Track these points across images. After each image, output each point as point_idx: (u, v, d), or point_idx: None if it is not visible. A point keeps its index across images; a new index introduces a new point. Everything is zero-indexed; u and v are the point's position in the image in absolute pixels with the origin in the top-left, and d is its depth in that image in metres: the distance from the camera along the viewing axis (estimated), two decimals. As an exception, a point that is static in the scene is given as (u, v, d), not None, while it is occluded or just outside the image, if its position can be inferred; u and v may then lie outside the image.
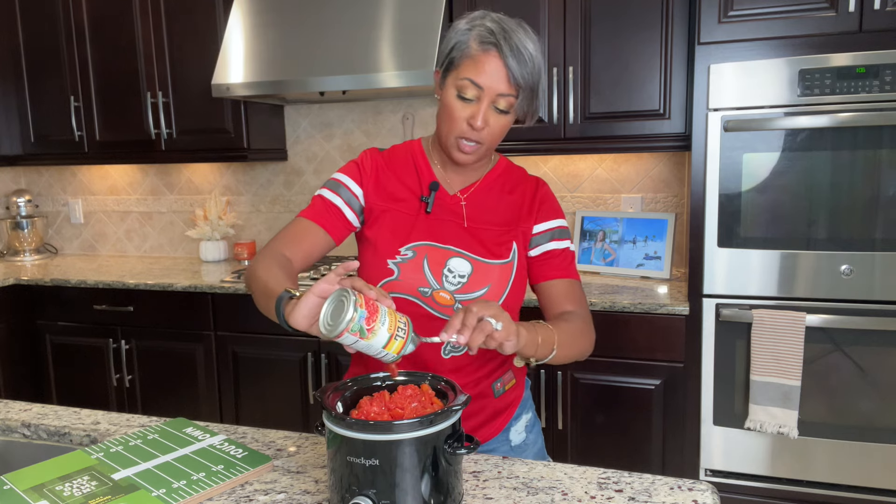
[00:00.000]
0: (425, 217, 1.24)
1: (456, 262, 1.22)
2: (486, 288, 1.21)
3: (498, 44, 1.11)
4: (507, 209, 1.28)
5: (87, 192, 3.61)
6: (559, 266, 1.29)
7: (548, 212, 1.31)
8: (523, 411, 1.35)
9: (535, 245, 1.29)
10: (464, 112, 1.14)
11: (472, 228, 1.25)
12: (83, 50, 3.05)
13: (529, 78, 1.13)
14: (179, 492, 0.98)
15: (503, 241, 1.25)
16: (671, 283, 2.49)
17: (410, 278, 1.20)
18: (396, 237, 1.23)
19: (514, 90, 1.13)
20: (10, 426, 1.29)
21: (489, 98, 1.13)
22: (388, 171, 1.28)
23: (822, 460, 2.13)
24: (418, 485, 0.85)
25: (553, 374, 2.33)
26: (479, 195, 1.28)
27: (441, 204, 1.26)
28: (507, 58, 1.11)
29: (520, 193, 1.30)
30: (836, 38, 1.97)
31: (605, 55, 2.38)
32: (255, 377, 2.71)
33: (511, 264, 1.24)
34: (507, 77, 1.11)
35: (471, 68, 1.12)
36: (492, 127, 1.15)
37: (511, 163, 1.35)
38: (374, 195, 1.27)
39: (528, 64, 1.12)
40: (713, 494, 0.95)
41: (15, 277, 2.97)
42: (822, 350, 2.08)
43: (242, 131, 2.87)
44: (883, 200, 1.98)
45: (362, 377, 1.00)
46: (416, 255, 1.21)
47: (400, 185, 1.27)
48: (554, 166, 2.84)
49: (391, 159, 1.30)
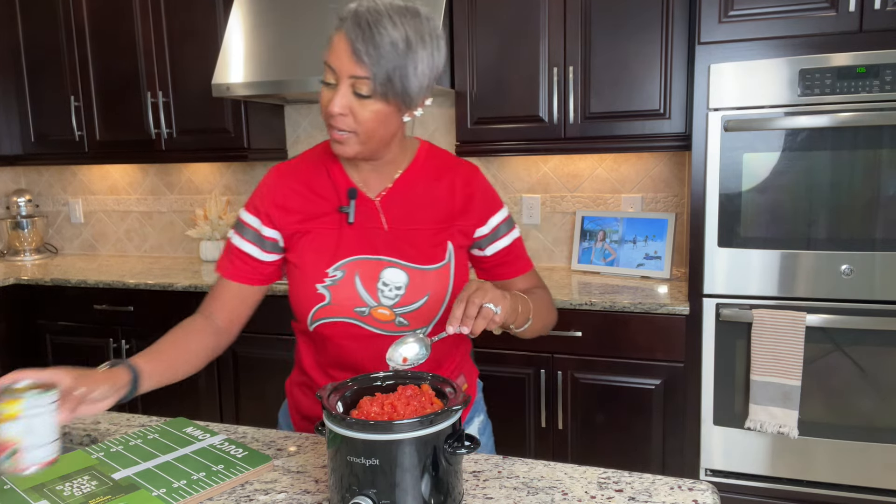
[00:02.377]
0: (349, 229, 1.15)
1: (390, 273, 1.14)
2: (425, 297, 1.15)
3: (345, 21, 1.02)
4: (436, 204, 1.19)
5: (87, 192, 3.61)
6: (515, 263, 1.27)
7: (489, 205, 1.23)
8: (475, 414, 1.34)
9: (484, 245, 1.24)
10: (325, 98, 1.06)
11: (401, 231, 1.16)
12: (83, 49, 3.05)
13: (382, 60, 1.00)
14: (179, 491, 0.98)
15: (436, 242, 1.17)
16: (671, 283, 2.49)
17: (344, 300, 1.13)
18: (322, 258, 1.14)
19: (365, 71, 1.01)
20: (11, 426, 1.29)
21: (345, 80, 1.03)
22: (297, 188, 1.18)
23: (822, 460, 2.13)
24: (418, 484, 0.85)
25: (553, 374, 2.33)
26: (399, 193, 1.18)
27: (363, 211, 1.16)
28: (352, 36, 1.01)
29: (448, 183, 1.20)
30: (837, 38, 1.97)
31: (605, 55, 2.38)
32: (255, 377, 2.71)
33: (448, 266, 1.17)
34: (352, 56, 1.01)
35: (328, 50, 1.05)
36: (358, 115, 1.04)
37: (433, 147, 1.24)
38: (286, 220, 1.17)
39: (381, 45, 1.00)
40: (713, 494, 0.95)
41: (15, 277, 2.97)
42: (823, 350, 2.08)
43: (242, 131, 2.87)
44: (883, 200, 1.98)
45: (362, 377, 1.00)
46: (345, 274, 1.14)
47: (314, 198, 1.17)
48: (554, 166, 2.84)
49: (299, 171, 1.19)
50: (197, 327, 1.17)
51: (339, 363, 1.21)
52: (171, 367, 1.12)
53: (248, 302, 1.22)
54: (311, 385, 1.27)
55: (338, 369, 1.21)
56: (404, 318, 1.15)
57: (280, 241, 1.19)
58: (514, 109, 2.50)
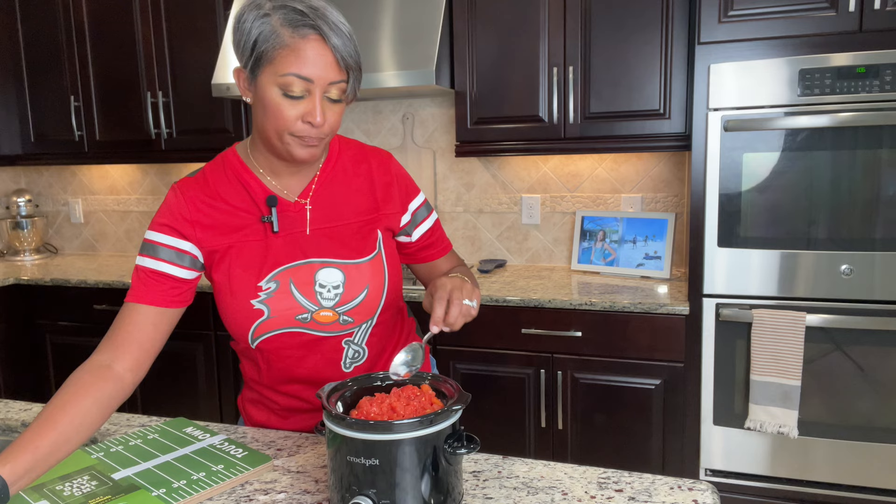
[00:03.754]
0: (274, 238, 1.11)
1: (325, 273, 1.12)
2: (364, 290, 1.14)
3: (316, 25, 0.97)
4: (359, 195, 1.17)
5: (87, 192, 3.61)
6: (438, 244, 1.29)
7: (407, 191, 1.23)
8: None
9: (409, 231, 1.23)
10: (294, 110, 1.00)
11: (325, 230, 1.14)
12: (83, 50, 3.05)
13: (356, 56, 1.01)
14: (179, 491, 0.98)
15: (364, 234, 1.16)
16: (671, 283, 2.49)
17: (284, 311, 1.10)
18: (250, 273, 1.10)
19: (344, 74, 1.01)
20: (10, 426, 1.29)
21: (321, 89, 0.99)
22: (208, 201, 1.11)
23: (822, 460, 2.13)
24: (418, 484, 0.85)
25: (553, 374, 2.33)
26: (322, 191, 1.15)
27: (287, 217, 1.12)
28: (331, 38, 0.97)
29: (366, 173, 1.18)
30: (837, 38, 1.97)
31: (605, 55, 2.38)
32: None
33: (380, 255, 1.17)
34: (335, 62, 0.99)
35: (291, 61, 0.97)
36: (330, 119, 1.03)
37: (343, 139, 1.21)
38: (202, 235, 1.11)
39: (350, 41, 1.00)
40: (713, 494, 0.95)
41: (15, 277, 2.97)
42: (822, 350, 2.08)
43: (242, 131, 2.87)
44: (883, 200, 1.98)
45: (363, 377, 1.00)
46: (280, 285, 1.10)
47: (230, 210, 1.11)
48: (554, 166, 2.84)
49: (208, 185, 1.13)
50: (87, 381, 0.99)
51: (287, 376, 1.19)
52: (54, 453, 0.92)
53: (162, 329, 1.10)
54: (263, 401, 1.25)
55: (288, 383, 1.20)
56: (348, 316, 1.14)
57: (200, 258, 1.12)
58: (514, 109, 2.50)
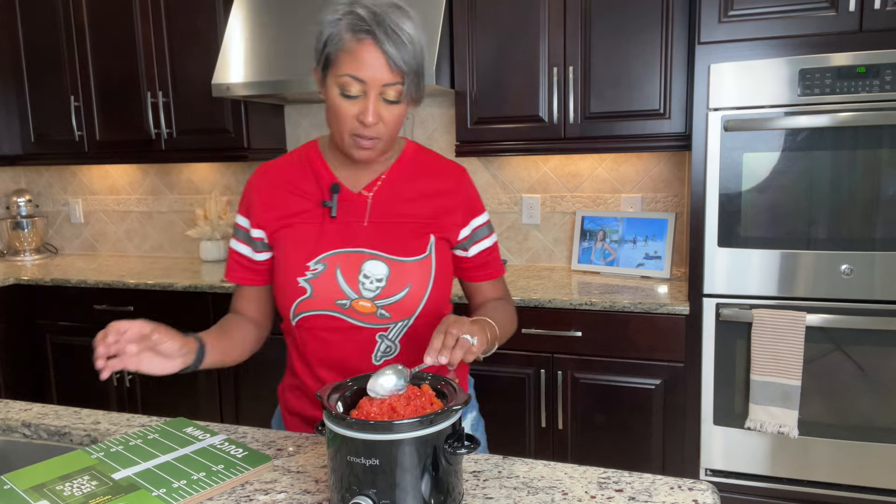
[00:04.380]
0: (331, 223, 1.17)
1: (371, 265, 1.15)
2: (406, 288, 1.16)
3: (371, 30, 1.03)
4: (423, 199, 1.21)
5: (87, 192, 3.61)
6: (492, 265, 1.30)
7: (472, 207, 1.25)
8: (467, 411, 1.34)
9: (467, 246, 1.25)
10: (352, 110, 1.07)
11: (381, 225, 1.18)
12: (83, 50, 3.05)
13: (412, 61, 1.06)
14: (179, 491, 0.98)
15: (418, 235, 1.19)
16: (671, 283, 2.49)
17: (325, 293, 1.15)
18: (302, 252, 1.17)
19: (399, 77, 1.06)
20: (11, 426, 1.29)
21: (375, 91, 1.06)
22: (279, 186, 1.21)
23: (822, 460, 2.13)
24: (418, 484, 0.85)
25: (553, 374, 2.33)
26: (387, 189, 1.20)
27: (346, 206, 1.18)
28: (384, 44, 1.03)
29: (437, 181, 1.22)
30: (837, 38, 1.97)
31: (605, 55, 2.38)
32: (255, 377, 2.71)
33: (429, 259, 1.18)
34: (387, 65, 1.04)
35: (348, 63, 1.04)
36: (386, 120, 1.09)
37: (421, 147, 1.27)
38: (269, 218, 1.20)
39: (408, 46, 1.05)
40: (713, 494, 0.95)
41: (15, 277, 2.97)
42: (822, 350, 2.08)
43: (242, 131, 2.87)
44: (883, 200, 1.98)
45: (363, 377, 1.00)
46: (327, 268, 1.15)
47: (297, 195, 1.20)
48: (554, 166, 2.84)
49: (282, 170, 1.22)
50: (237, 321, 1.25)
51: (323, 360, 1.22)
52: (226, 350, 1.18)
53: (261, 299, 1.28)
54: (301, 387, 1.28)
55: (324, 368, 1.23)
56: (385, 311, 1.16)
57: (265, 240, 1.22)
58: (514, 109, 2.50)
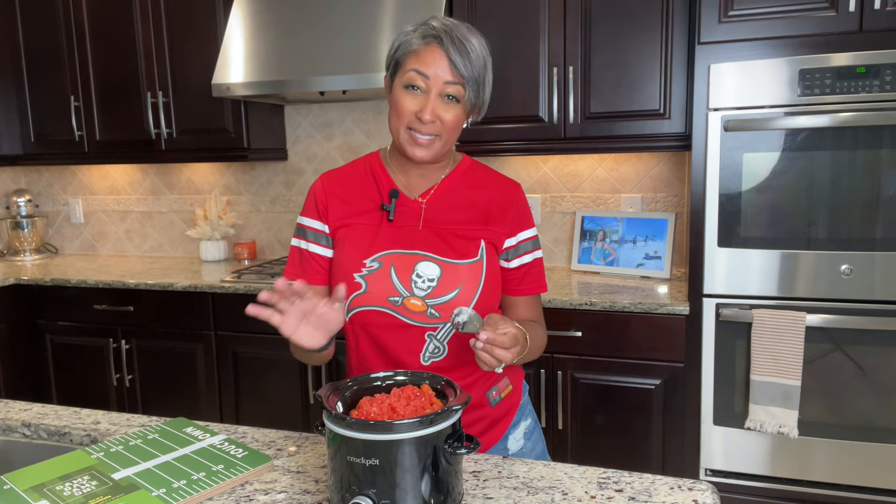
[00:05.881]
0: (388, 226, 1.24)
1: (424, 266, 1.21)
2: (457, 290, 1.20)
3: (439, 37, 1.15)
4: (475, 207, 1.26)
5: (87, 192, 3.61)
6: (534, 280, 1.31)
7: (526, 220, 1.30)
8: (521, 418, 1.33)
9: (513, 256, 1.28)
10: (412, 105, 1.16)
11: (435, 229, 1.24)
12: (83, 50, 3.05)
13: (473, 69, 1.16)
14: (179, 491, 0.98)
15: (470, 239, 1.24)
16: (671, 283, 2.49)
17: (379, 289, 1.20)
18: (359, 250, 1.23)
19: (460, 79, 1.15)
20: (11, 426, 1.29)
21: (437, 88, 1.15)
22: (344, 191, 1.28)
23: (822, 460, 2.13)
24: (418, 484, 0.85)
25: (553, 374, 2.33)
26: (440, 196, 1.27)
27: (404, 210, 1.25)
28: (449, 49, 1.14)
29: (491, 193, 1.28)
30: (837, 38, 1.97)
31: (606, 55, 2.38)
32: (255, 377, 2.71)
33: (480, 263, 1.23)
34: (449, 67, 1.15)
35: (414, 60, 1.16)
36: (444, 119, 1.17)
37: (477, 162, 1.33)
38: (335, 219, 1.27)
39: (471, 55, 1.16)
40: (713, 494, 0.95)
41: (15, 277, 2.97)
42: (822, 350, 2.08)
43: (242, 131, 2.87)
44: (883, 200, 1.98)
45: (362, 377, 1.00)
46: (382, 266, 1.21)
47: (359, 199, 1.27)
48: (554, 166, 2.84)
49: (347, 177, 1.30)
50: None
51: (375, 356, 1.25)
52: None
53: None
54: None
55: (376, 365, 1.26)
56: (435, 310, 1.19)
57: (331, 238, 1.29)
58: (514, 109, 2.50)
